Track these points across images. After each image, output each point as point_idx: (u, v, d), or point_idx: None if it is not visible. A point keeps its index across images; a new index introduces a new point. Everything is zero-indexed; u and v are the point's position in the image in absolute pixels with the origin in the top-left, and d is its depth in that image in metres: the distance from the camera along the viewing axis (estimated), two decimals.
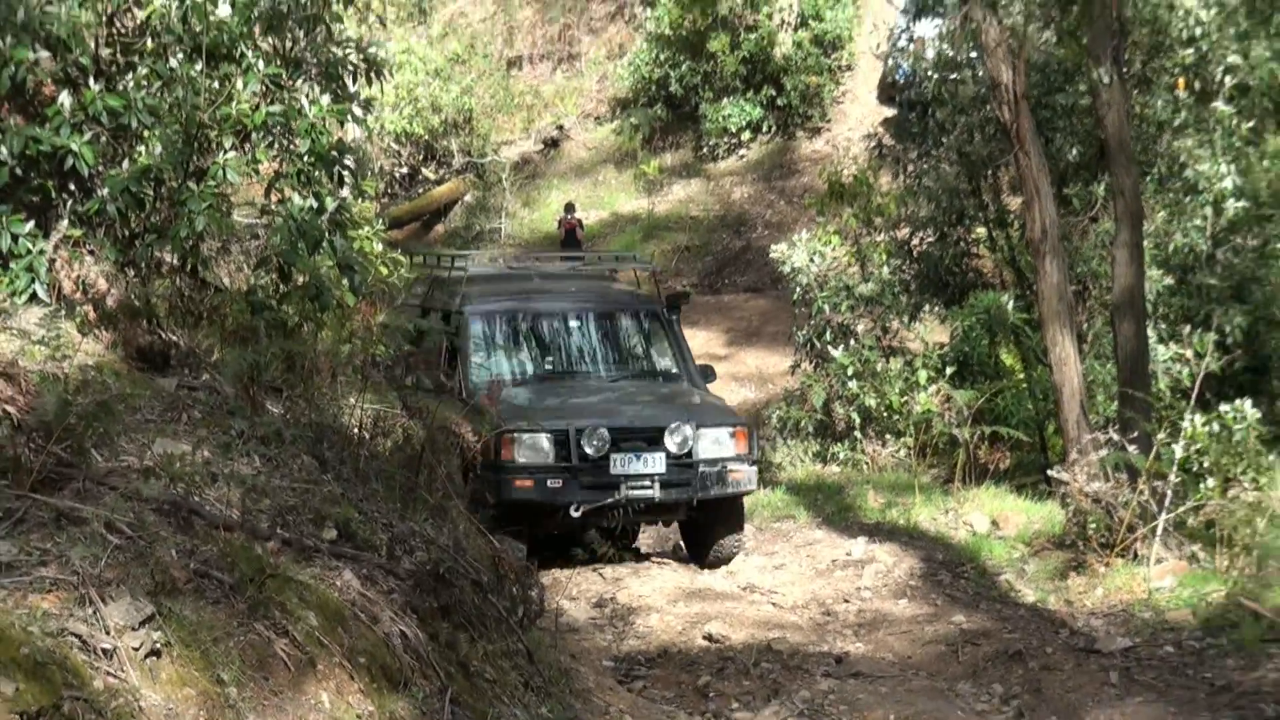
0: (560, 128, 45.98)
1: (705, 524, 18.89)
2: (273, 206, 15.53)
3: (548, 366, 19.85)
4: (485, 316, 19.78)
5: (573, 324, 20.16)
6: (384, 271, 19.77)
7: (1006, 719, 17.42)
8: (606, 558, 21.15)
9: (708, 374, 23.29)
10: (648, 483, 16.91)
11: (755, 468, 19.74)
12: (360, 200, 17.01)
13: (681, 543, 23.78)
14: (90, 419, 13.46)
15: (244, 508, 13.45)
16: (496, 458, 17.13)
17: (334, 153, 15.83)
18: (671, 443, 17.50)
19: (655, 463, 17.40)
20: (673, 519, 19.33)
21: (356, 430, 16.23)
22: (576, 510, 17.29)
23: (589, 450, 16.91)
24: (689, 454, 17.57)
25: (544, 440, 17.39)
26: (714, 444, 18.02)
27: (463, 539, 16.01)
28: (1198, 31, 26.20)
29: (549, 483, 17.30)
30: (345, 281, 16.11)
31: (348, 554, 13.68)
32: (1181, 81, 26.64)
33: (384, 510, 14.96)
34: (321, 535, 13.76)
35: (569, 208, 39.97)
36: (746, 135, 44.00)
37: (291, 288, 15.66)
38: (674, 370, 20.36)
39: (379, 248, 20.00)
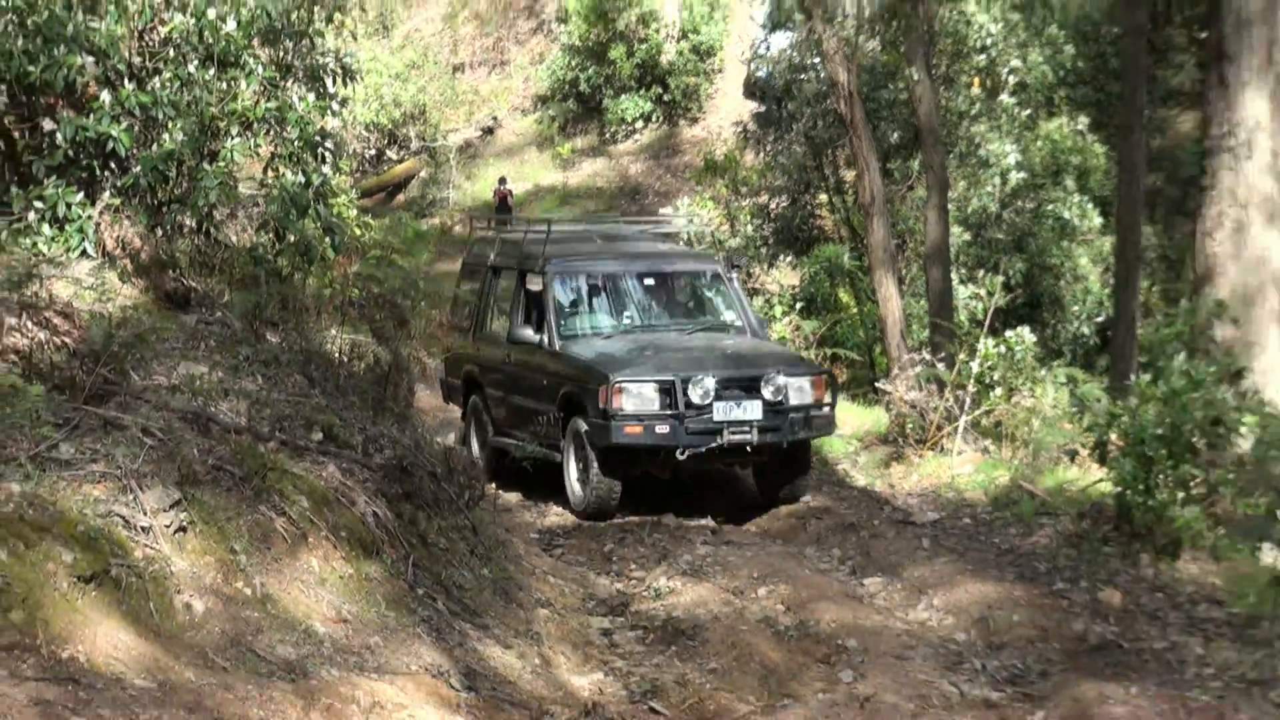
0: (494, 119, 46.12)
1: (784, 465, 17.84)
2: (269, 181, 15.56)
3: (626, 321, 18.18)
4: (568, 275, 18.32)
5: (648, 282, 18.64)
6: (358, 232, 19.79)
7: (843, 574, 17.59)
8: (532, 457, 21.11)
9: (764, 325, 21.85)
10: (746, 428, 16.09)
11: (834, 413, 18.45)
12: (338, 176, 17.01)
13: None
14: (129, 347, 13.48)
15: (249, 416, 13.51)
16: (608, 405, 16.14)
17: (317, 139, 15.90)
18: (767, 391, 16.51)
19: (753, 409, 16.39)
20: (761, 461, 17.94)
21: (337, 355, 16.25)
22: (682, 454, 16.37)
23: (695, 399, 16.03)
24: (781, 401, 16.57)
25: (651, 389, 16.40)
26: (799, 392, 16.91)
27: (421, 440, 16.03)
28: (988, 41, 26.61)
29: (657, 428, 16.26)
30: (327, 240, 16.13)
31: (331, 452, 13.73)
32: (976, 80, 27.03)
33: (359, 417, 15.00)
34: (310, 437, 13.81)
35: (502, 180, 40.07)
36: (640, 124, 44.27)
37: (285, 245, 15.70)
38: (739, 323, 18.80)
39: (353, 213, 20.00)
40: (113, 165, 14.59)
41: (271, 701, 10.39)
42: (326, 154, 16.28)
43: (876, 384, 25.09)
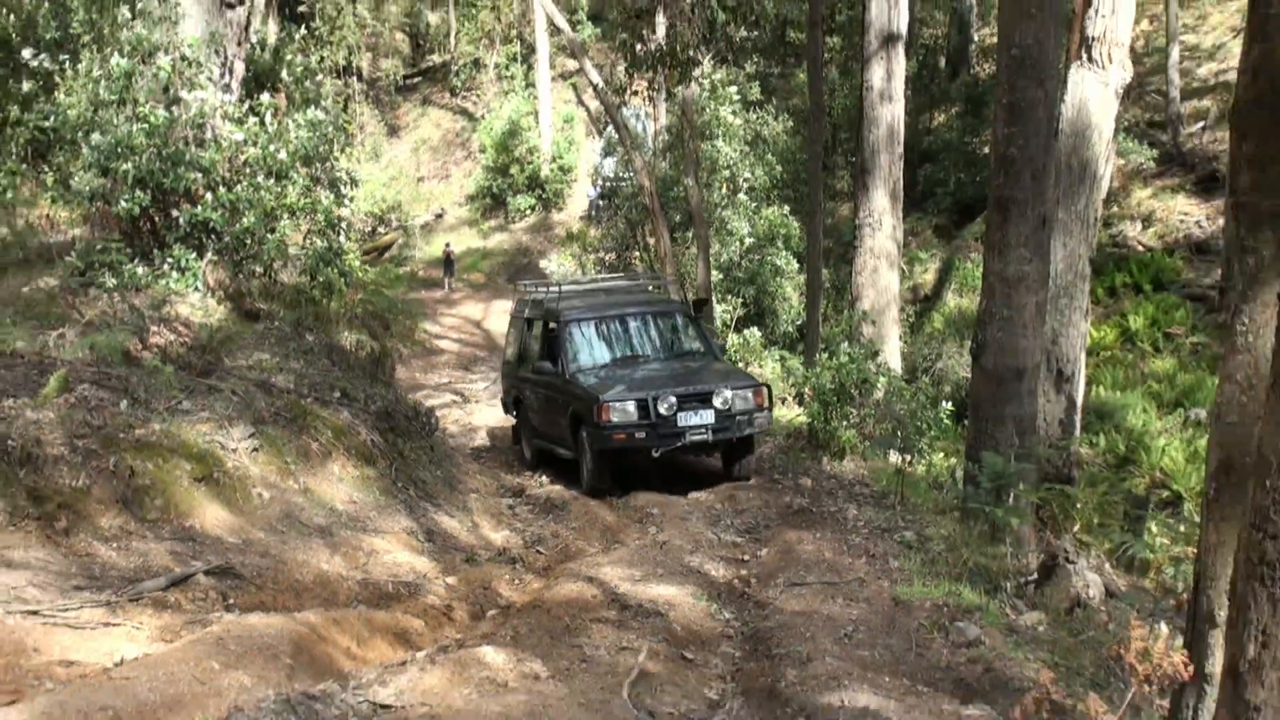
0: (442, 209, 45.60)
1: (735, 452, 16.27)
2: (306, 245, 15.49)
3: (617, 354, 17.02)
4: (578, 323, 17.21)
5: (633, 324, 17.45)
6: (360, 275, 19.76)
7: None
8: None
9: (720, 348, 20.09)
10: (703, 431, 14.96)
11: (770, 413, 16.58)
12: (348, 242, 16.96)
13: None
14: (222, 343, 13.53)
15: (295, 383, 13.56)
16: (599, 419, 15.19)
17: (335, 220, 15.82)
18: (718, 401, 15.19)
19: (707, 416, 15.16)
20: (716, 451, 16.59)
21: (348, 347, 16.24)
22: (657, 453, 15.24)
23: (663, 410, 14.87)
24: (729, 409, 15.19)
25: (631, 405, 15.23)
26: (743, 400, 15.49)
27: (399, 396, 16.08)
28: (731, 162, 26.47)
29: (636, 435, 15.10)
30: (342, 279, 16.07)
31: (344, 403, 13.81)
32: (725, 185, 26.85)
33: (361, 384, 15.01)
34: (332, 395, 13.86)
35: (447, 245, 39.47)
36: (528, 212, 43.86)
37: (316, 283, 15.64)
38: (702, 350, 17.33)
39: (358, 264, 19.81)
40: (212, 236, 14.52)
41: (310, 549, 10.56)
42: (341, 229, 16.26)
43: None
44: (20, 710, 5.82)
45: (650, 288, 20.51)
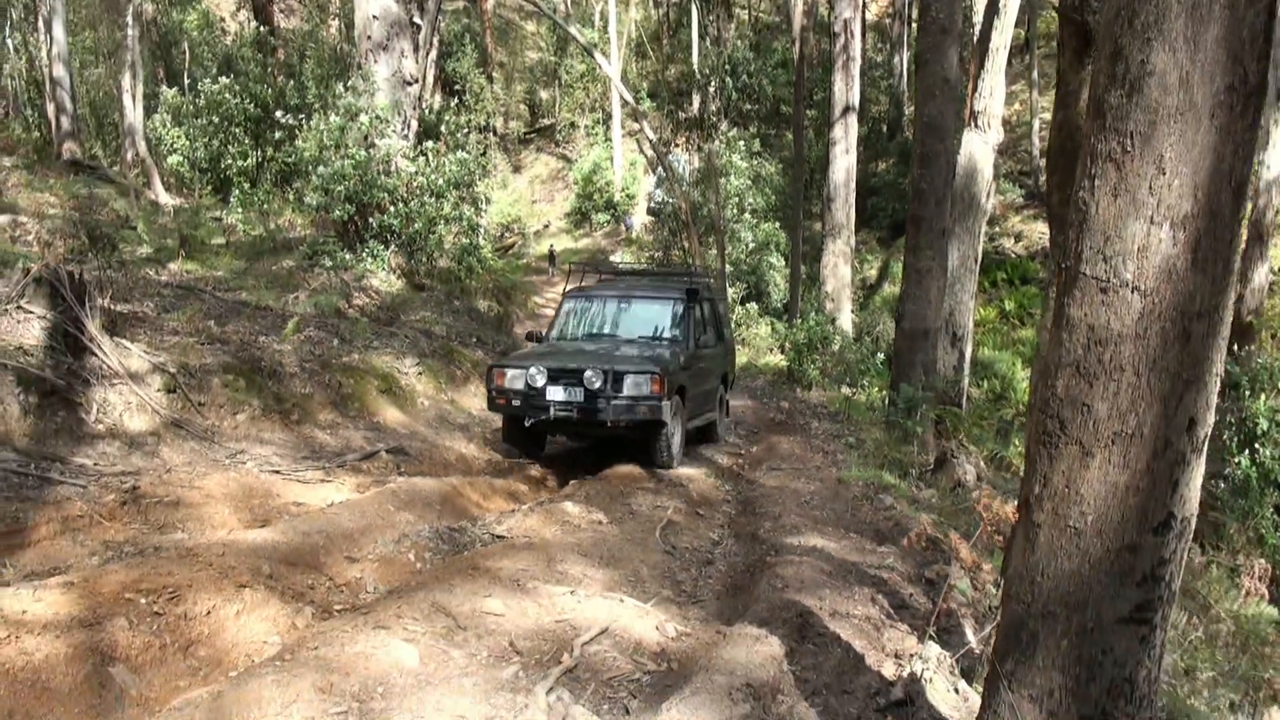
0: (548, 222, 45.29)
1: (641, 442, 11.24)
2: (456, 243, 15.53)
3: (594, 330, 11.85)
4: (574, 299, 12.14)
5: (626, 307, 12.04)
6: (493, 264, 19.82)
7: None
8: None
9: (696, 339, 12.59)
10: (569, 408, 10.24)
11: (665, 403, 10.61)
12: (484, 241, 17.01)
13: None
14: (399, 305, 13.63)
15: (446, 332, 13.58)
16: (494, 383, 10.41)
17: (476, 226, 15.83)
18: (587, 381, 10.31)
19: (576, 394, 10.34)
20: (600, 435, 11.46)
21: (483, 310, 16.25)
22: (527, 422, 10.42)
23: (535, 383, 10.22)
24: (599, 389, 10.26)
25: (515, 374, 10.33)
26: (633, 386, 10.44)
27: (516, 341, 15.96)
28: (740, 191, 26.04)
29: (514, 402, 10.20)
30: (480, 266, 16.07)
31: (479, 346, 13.79)
32: (736, 207, 26.47)
33: (491, 333, 15.01)
34: (471, 340, 13.89)
35: (551, 246, 39.22)
36: (606, 224, 42.97)
37: (462, 267, 15.65)
38: (673, 338, 11.68)
39: (490, 256, 19.78)
40: (394, 235, 14.60)
41: (452, 438, 10.62)
42: (479, 233, 16.27)
43: None
44: (269, 530, 6.04)
45: (686, 279, 14.07)
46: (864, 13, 37.99)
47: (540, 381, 10.07)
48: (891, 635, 5.55)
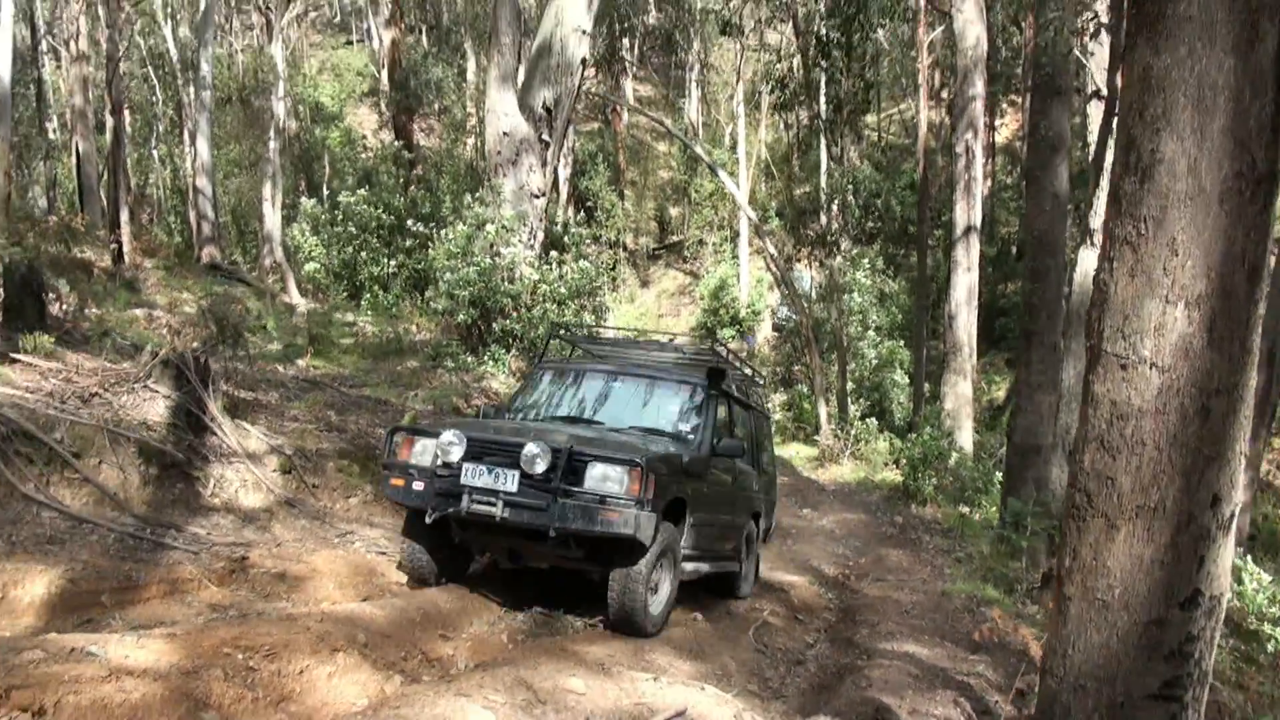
0: (673, 336, 45.63)
1: (600, 579, 6.78)
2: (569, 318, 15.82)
3: (574, 413, 8.05)
4: (546, 372, 8.68)
5: (612, 383, 8.24)
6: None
7: (795, 508, 17.00)
8: None
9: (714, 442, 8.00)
10: (492, 499, 6.33)
11: (648, 513, 6.21)
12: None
13: None
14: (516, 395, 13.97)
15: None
16: (390, 458, 6.95)
17: (597, 334, 16.09)
18: (525, 461, 6.31)
19: (507, 481, 6.35)
20: (536, 556, 6.89)
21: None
22: (429, 517, 6.58)
23: (448, 455, 6.54)
24: (544, 479, 6.28)
25: (427, 444, 6.75)
26: (601, 479, 6.24)
27: None
28: (863, 308, 25.92)
29: (413, 484, 6.62)
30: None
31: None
32: (859, 324, 26.40)
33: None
34: None
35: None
36: (730, 340, 43.33)
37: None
38: (682, 430, 7.73)
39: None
40: (516, 339, 15.02)
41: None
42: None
43: (815, 436, 24.26)
44: (369, 604, 6.33)
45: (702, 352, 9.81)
46: (992, 135, 38.18)
47: (455, 455, 6.64)
48: None
